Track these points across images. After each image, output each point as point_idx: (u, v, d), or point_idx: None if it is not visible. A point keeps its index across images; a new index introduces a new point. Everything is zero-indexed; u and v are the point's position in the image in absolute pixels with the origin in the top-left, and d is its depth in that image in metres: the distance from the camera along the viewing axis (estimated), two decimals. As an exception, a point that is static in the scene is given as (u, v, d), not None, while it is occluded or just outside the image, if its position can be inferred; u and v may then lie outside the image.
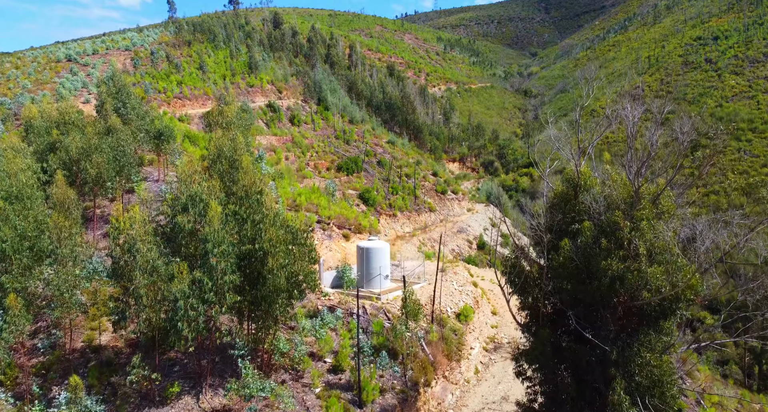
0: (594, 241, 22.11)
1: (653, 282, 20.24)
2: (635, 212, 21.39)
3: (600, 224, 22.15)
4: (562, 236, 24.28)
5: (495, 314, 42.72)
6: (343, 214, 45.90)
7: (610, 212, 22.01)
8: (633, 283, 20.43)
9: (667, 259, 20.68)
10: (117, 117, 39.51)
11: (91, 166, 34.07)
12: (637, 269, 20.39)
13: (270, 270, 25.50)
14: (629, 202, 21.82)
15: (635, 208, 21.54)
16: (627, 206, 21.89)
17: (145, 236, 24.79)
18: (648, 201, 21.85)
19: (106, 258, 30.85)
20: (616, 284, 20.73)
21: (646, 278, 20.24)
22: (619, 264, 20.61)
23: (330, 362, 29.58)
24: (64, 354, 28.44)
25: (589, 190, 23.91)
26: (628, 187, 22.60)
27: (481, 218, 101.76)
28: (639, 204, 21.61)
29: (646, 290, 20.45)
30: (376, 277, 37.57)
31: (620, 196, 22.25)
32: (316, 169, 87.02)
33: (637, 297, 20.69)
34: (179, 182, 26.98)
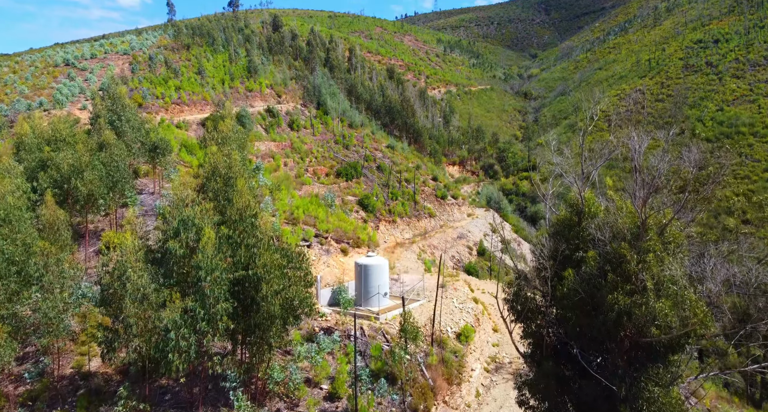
0: (599, 272, 21.31)
1: (661, 318, 19.44)
2: (641, 244, 20.58)
3: (605, 254, 21.35)
4: (566, 263, 23.51)
5: (496, 331, 41.91)
6: (342, 226, 45.12)
7: (615, 242, 21.21)
8: (641, 318, 19.64)
9: (675, 292, 19.86)
10: (111, 131, 38.68)
11: (83, 184, 33.25)
12: (644, 303, 19.59)
13: (264, 297, 24.70)
14: (635, 233, 21.00)
15: (642, 239, 20.73)
16: (633, 237, 21.08)
17: (135, 263, 23.97)
18: (655, 232, 21.03)
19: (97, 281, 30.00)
20: (623, 318, 19.94)
21: (654, 313, 19.45)
22: (626, 298, 19.82)
23: (326, 388, 28.77)
24: (52, 381, 27.63)
25: (594, 217, 23.12)
26: (633, 216, 21.80)
27: (481, 223, 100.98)
28: (645, 235, 20.79)
29: (654, 326, 19.65)
30: (375, 295, 36.78)
31: (625, 225, 21.44)
32: (315, 176, 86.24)
33: (646, 333, 19.89)
34: (171, 206, 26.13)
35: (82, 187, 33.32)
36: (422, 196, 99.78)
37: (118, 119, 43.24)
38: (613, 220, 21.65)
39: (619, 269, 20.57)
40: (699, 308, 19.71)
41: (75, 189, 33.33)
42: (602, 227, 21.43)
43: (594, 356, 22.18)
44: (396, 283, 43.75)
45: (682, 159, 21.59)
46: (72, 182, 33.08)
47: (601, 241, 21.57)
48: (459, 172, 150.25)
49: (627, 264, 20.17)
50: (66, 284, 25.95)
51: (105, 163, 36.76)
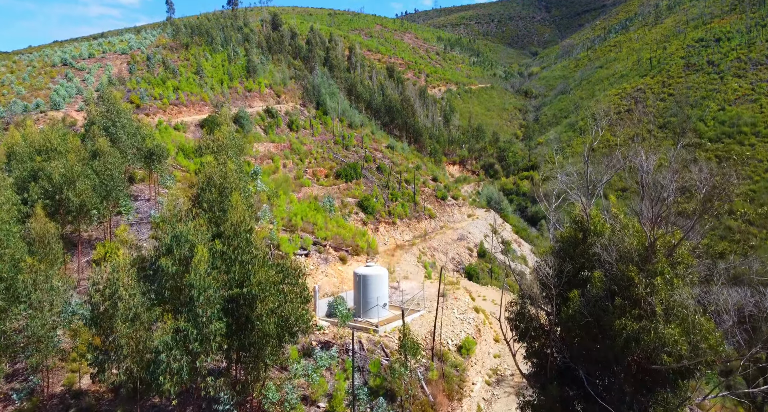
0: (605, 294, 20.57)
1: (671, 345, 18.70)
2: (650, 266, 19.83)
3: (612, 276, 20.60)
4: (571, 282, 22.78)
5: (497, 341, 41.22)
6: (340, 233, 44.39)
7: (622, 263, 20.47)
8: (649, 344, 18.90)
9: (686, 317, 19.12)
10: (104, 138, 37.85)
11: (75, 194, 32.48)
12: (653, 329, 18.86)
13: (259, 316, 24.00)
14: (643, 255, 20.25)
15: (650, 261, 19.97)
16: (641, 258, 20.33)
17: (127, 282, 23.24)
18: (663, 254, 20.27)
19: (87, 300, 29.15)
20: (632, 344, 19.22)
21: (664, 339, 18.70)
22: (634, 324, 19.08)
23: (324, 407, 28.08)
24: (42, 400, 26.92)
25: (600, 236, 22.37)
26: (641, 236, 21.04)
27: (481, 224, 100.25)
28: (654, 257, 20.04)
29: (664, 353, 18.90)
30: (374, 307, 36.06)
31: (633, 246, 20.69)
32: (315, 177, 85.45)
33: (655, 359, 19.16)
34: (164, 220, 25.38)
35: (74, 197, 32.55)
36: (422, 197, 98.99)
37: (113, 125, 42.42)
38: (619, 240, 20.89)
39: (627, 292, 19.84)
40: (711, 334, 18.98)
41: (67, 200, 32.57)
42: (608, 247, 20.68)
43: (600, 378, 21.46)
44: (395, 291, 43.01)
45: (692, 176, 20.79)
46: (64, 193, 32.32)
47: (608, 261, 20.82)
48: (459, 172, 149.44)
49: (635, 288, 19.44)
50: (56, 301, 25.19)
51: (98, 171, 35.99)
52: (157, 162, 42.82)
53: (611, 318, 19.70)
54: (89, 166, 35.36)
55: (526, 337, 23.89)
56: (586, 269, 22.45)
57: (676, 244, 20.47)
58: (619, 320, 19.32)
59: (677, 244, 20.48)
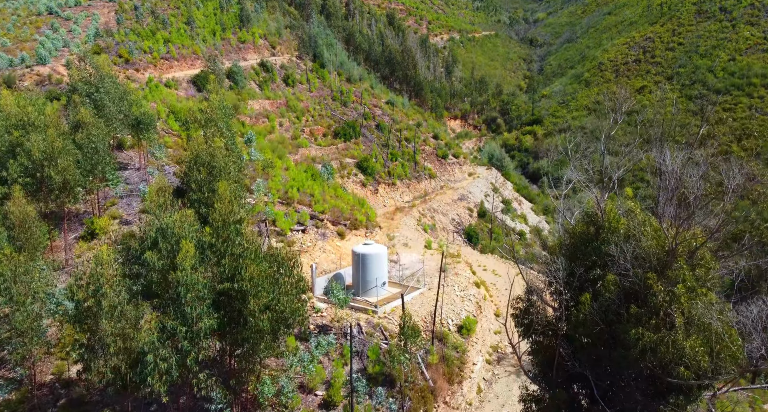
0: (619, 301, 19.23)
1: (691, 357, 17.49)
2: (670, 272, 18.38)
3: (627, 280, 19.18)
4: (582, 282, 21.41)
5: (498, 315, 40.42)
6: (338, 206, 42.81)
7: (639, 267, 19.01)
8: (667, 356, 17.70)
9: (708, 328, 17.81)
10: (86, 109, 35.60)
11: (56, 172, 30.71)
12: (672, 340, 17.59)
13: (252, 312, 22.78)
14: (662, 259, 18.76)
15: (669, 267, 18.51)
16: (659, 263, 18.85)
17: (111, 277, 21.89)
18: (684, 260, 18.76)
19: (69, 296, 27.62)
20: (647, 355, 18.01)
21: (683, 351, 17.48)
22: (651, 335, 17.80)
23: (321, 395, 27.37)
24: (31, 390, 26.13)
25: (614, 232, 20.83)
26: (660, 238, 19.48)
27: (482, 183, 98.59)
28: (674, 262, 18.57)
29: (683, 366, 17.72)
30: (373, 288, 34.98)
31: (651, 249, 19.17)
32: (312, 136, 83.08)
33: (671, 372, 18.02)
34: (148, 213, 23.77)
35: (56, 175, 30.79)
36: (422, 156, 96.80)
37: (97, 91, 40.03)
38: (635, 243, 19.35)
39: (644, 300, 18.48)
40: (735, 344, 17.75)
41: (48, 178, 30.82)
42: (625, 249, 19.15)
43: (609, 385, 20.44)
44: (395, 266, 41.88)
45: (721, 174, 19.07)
46: (45, 171, 30.54)
47: (623, 266, 19.34)
48: (461, 127, 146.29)
49: (653, 297, 18.06)
50: (38, 295, 23.94)
51: (82, 145, 34.04)
52: (145, 131, 40.71)
53: (626, 327, 18.45)
54: (71, 140, 33.38)
55: (532, 334, 22.75)
56: (598, 268, 21.06)
57: (698, 246, 18.95)
58: (635, 329, 18.06)
59: (699, 247, 18.97)
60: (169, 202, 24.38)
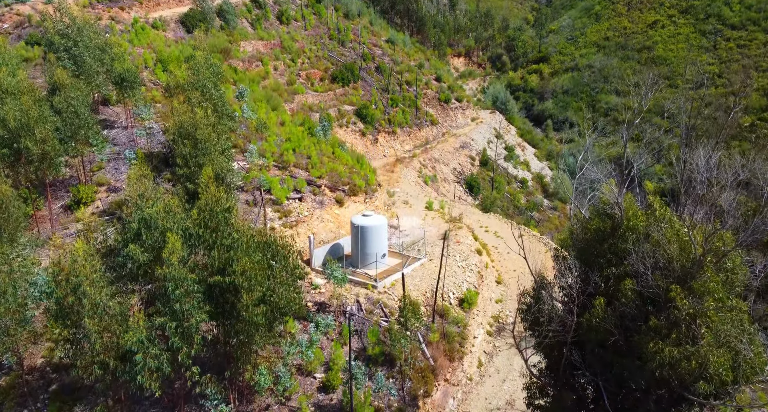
0: (637, 310, 17.94)
1: (714, 371, 16.38)
2: (695, 284, 16.96)
3: (646, 290, 17.79)
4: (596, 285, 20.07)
5: (500, 282, 39.58)
6: (336, 169, 40.83)
7: (661, 276, 17.56)
8: (688, 371, 16.59)
9: (735, 342, 16.58)
10: (63, 70, 33.01)
11: (34, 143, 28.70)
12: (695, 356, 16.41)
13: (245, 307, 21.60)
14: (687, 268, 17.28)
15: (695, 277, 17.06)
16: (683, 271, 17.39)
17: (92, 274, 20.52)
18: (712, 269, 17.27)
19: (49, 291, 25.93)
20: (666, 369, 16.90)
21: (707, 366, 16.35)
22: (673, 350, 16.61)
23: (320, 378, 26.76)
24: (22, 375, 25.45)
25: (634, 231, 19.26)
26: (684, 243, 17.90)
27: (485, 129, 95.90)
28: (701, 271, 17.10)
29: (703, 380, 16.66)
30: (372, 261, 33.82)
31: (674, 253, 17.65)
32: (309, 81, 79.55)
33: (690, 388, 17.00)
34: (129, 203, 22.08)
35: (34, 146, 28.81)
36: (424, 100, 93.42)
37: (75, 45, 37.18)
38: (656, 247, 17.80)
39: (664, 310, 17.18)
40: (761, 359, 16.64)
41: (26, 149, 28.86)
42: (645, 254, 17.63)
43: (621, 393, 19.55)
44: (395, 232, 40.58)
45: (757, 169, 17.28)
46: (21, 142, 28.53)
47: (642, 271, 17.90)
48: (464, 65, 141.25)
49: (676, 310, 16.73)
50: (18, 283, 22.69)
51: (61, 110, 31.81)
52: (129, 89, 38.18)
53: (643, 338, 17.27)
54: (49, 105, 31.13)
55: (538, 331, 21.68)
56: (614, 267, 19.65)
57: (727, 251, 17.42)
58: (654, 342, 16.86)
59: (729, 251, 17.44)
60: (151, 188, 22.50)
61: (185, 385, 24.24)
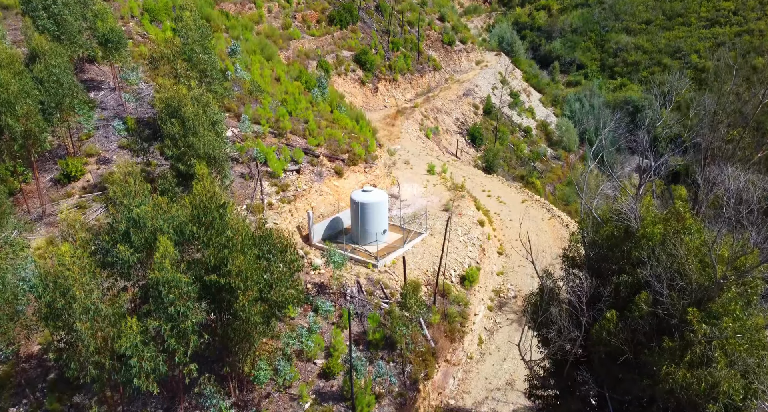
0: (650, 327, 17.22)
1: (725, 393, 15.89)
2: (713, 306, 16.14)
3: (660, 306, 16.97)
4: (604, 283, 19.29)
5: (501, 253, 38.95)
6: (334, 135, 39.06)
7: (676, 292, 16.70)
8: (701, 393, 16.09)
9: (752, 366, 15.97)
10: (41, 35, 30.68)
11: (15, 121, 27.05)
12: (709, 379, 15.84)
13: (242, 307, 20.95)
14: (706, 288, 16.38)
15: (714, 298, 16.22)
16: (701, 291, 16.50)
17: (80, 277, 19.67)
18: (733, 284, 16.37)
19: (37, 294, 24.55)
20: (677, 390, 16.38)
21: (718, 389, 15.84)
22: (685, 372, 16.02)
23: (320, 364, 26.55)
24: (19, 362, 25.19)
25: (650, 240, 18.26)
26: (702, 255, 16.93)
27: (489, 74, 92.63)
28: (721, 292, 16.24)
29: (713, 400, 16.20)
30: (372, 239, 32.96)
31: (693, 270, 16.68)
32: (305, 24, 75.79)
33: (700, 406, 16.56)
34: (116, 202, 20.85)
35: (16, 124, 27.19)
36: (427, 42, 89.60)
37: (54, 2, 34.55)
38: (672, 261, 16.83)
39: (680, 333, 16.46)
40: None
41: (8, 127, 27.26)
42: (662, 275, 16.67)
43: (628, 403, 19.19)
44: (395, 202, 39.51)
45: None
46: (2, 119, 26.88)
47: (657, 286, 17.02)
48: (469, 0, 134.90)
49: (692, 334, 16.00)
50: (6, 279, 21.91)
51: (42, 79, 29.89)
52: (114, 50, 35.88)
53: (656, 359, 16.64)
54: (30, 76, 29.18)
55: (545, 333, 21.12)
56: (627, 274, 18.80)
57: (751, 269, 16.45)
58: (667, 365, 16.24)
59: (753, 268, 16.47)
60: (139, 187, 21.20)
61: (184, 378, 24.02)
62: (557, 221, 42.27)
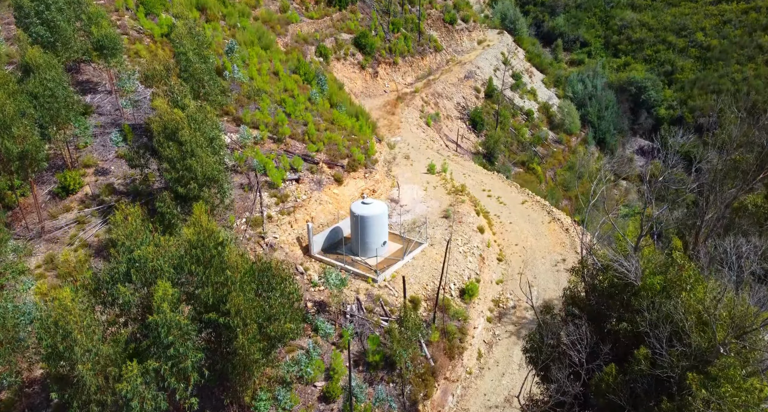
0: (649, 387, 17.35)
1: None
2: (712, 369, 16.21)
3: (660, 372, 17.05)
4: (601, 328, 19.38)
5: (501, 259, 38.95)
6: (334, 139, 38.51)
7: (676, 352, 16.76)
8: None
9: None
10: (33, 48, 29.80)
11: (12, 143, 26.62)
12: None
13: (241, 345, 21.10)
14: (706, 350, 16.42)
15: (713, 361, 16.28)
16: (701, 352, 16.55)
17: (81, 321, 19.72)
18: (734, 347, 16.41)
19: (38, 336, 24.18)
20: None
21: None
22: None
23: (321, 387, 26.88)
24: (22, 387, 25.48)
25: (649, 290, 18.25)
26: (701, 315, 16.93)
27: (492, 54, 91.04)
28: (722, 355, 16.28)
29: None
30: (373, 255, 32.92)
31: (692, 335, 16.70)
32: (303, 5, 74.05)
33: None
34: (117, 243, 20.70)
35: (13, 146, 26.79)
36: (428, 22, 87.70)
37: (47, 8, 33.56)
38: (672, 324, 16.84)
39: (679, 395, 16.59)
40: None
41: (5, 149, 26.86)
42: (660, 331, 16.70)
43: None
44: (395, 208, 39.32)
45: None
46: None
47: (657, 344, 17.08)
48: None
49: (690, 397, 16.12)
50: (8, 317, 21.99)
51: (37, 95, 29.33)
52: (110, 56, 35.06)
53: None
54: (24, 96, 28.61)
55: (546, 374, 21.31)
56: (626, 322, 18.85)
57: (751, 330, 16.46)
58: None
59: (754, 329, 16.48)
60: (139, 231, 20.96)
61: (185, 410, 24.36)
62: (557, 224, 42.12)
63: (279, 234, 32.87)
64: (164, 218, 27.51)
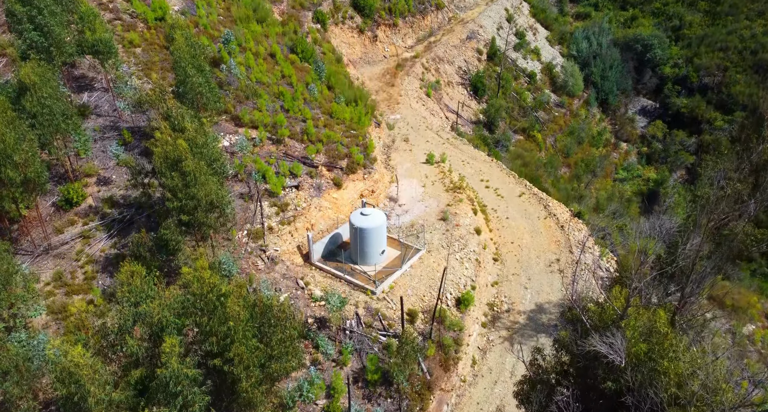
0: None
1: None
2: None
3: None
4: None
5: (497, 259, 39.82)
6: (333, 137, 38.29)
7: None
8: None
9: None
10: (27, 66, 28.98)
11: (14, 172, 26.75)
12: None
13: (244, 390, 22.40)
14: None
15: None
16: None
17: (93, 374, 20.83)
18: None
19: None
20: None
21: None
22: None
23: (321, 405, 28.47)
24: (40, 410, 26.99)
25: (634, 357, 19.22)
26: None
27: (495, 11, 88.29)
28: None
29: None
30: (372, 263, 33.71)
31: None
32: (301, -33, 70.48)
33: None
34: (121, 299, 21.41)
35: (15, 175, 26.92)
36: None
37: (40, 13, 32.42)
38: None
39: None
40: None
41: (7, 177, 26.99)
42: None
43: None
44: (394, 207, 39.73)
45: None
46: (1, 172, 26.58)
47: None
48: None
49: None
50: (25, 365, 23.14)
51: (35, 114, 29.13)
52: (105, 61, 34.31)
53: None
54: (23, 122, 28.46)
55: None
56: (612, 382, 19.94)
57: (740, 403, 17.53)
58: None
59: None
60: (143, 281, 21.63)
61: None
62: (553, 220, 42.70)
63: (280, 245, 33.55)
64: (168, 243, 28.15)
